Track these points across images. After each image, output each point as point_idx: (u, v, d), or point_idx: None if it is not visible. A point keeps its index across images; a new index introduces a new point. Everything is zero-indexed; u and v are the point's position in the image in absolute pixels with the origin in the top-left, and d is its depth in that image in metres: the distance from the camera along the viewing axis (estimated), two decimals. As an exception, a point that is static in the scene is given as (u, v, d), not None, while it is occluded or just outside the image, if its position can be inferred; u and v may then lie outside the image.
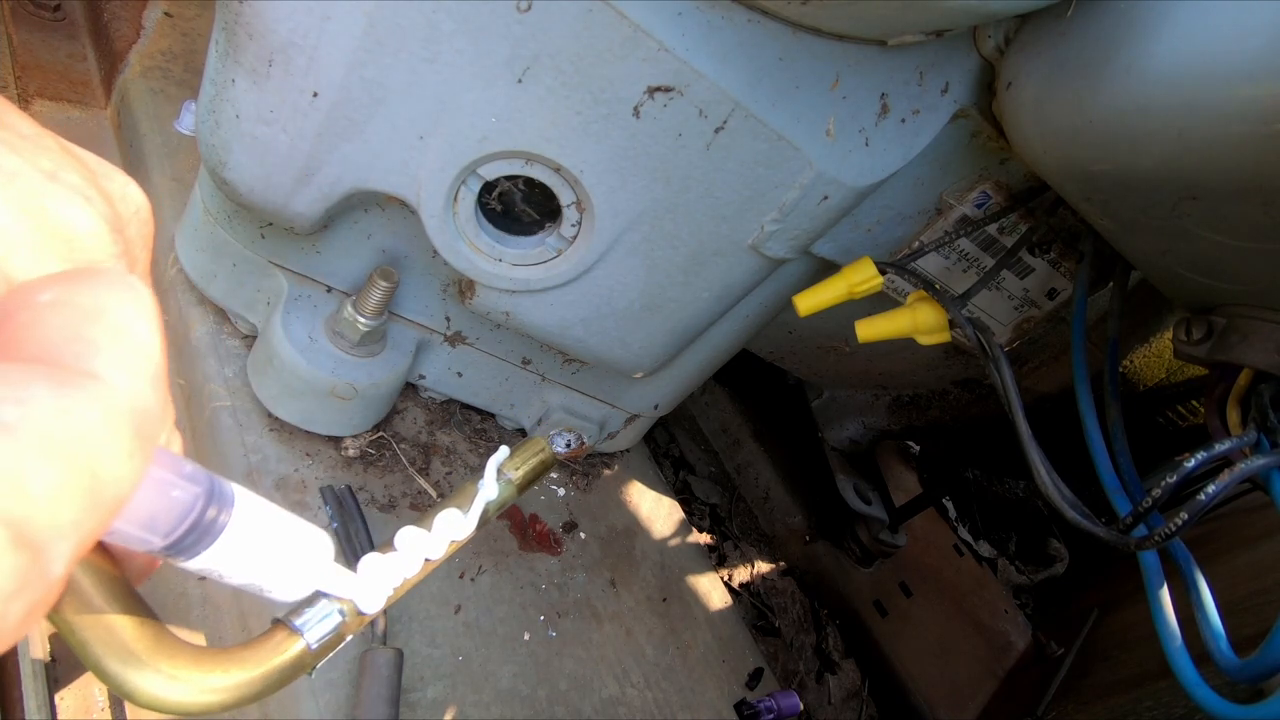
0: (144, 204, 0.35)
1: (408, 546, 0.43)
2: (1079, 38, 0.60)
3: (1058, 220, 0.90)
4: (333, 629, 0.38)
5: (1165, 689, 1.02)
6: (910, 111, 0.74)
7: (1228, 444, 0.63)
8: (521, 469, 0.50)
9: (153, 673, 0.32)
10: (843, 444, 1.45)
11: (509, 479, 0.50)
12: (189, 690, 0.33)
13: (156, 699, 0.33)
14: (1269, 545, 1.26)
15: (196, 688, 0.33)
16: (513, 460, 0.50)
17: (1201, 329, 0.72)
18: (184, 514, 0.28)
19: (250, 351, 0.88)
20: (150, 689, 0.32)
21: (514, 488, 0.50)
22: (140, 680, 0.32)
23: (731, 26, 0.63)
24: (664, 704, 0.97)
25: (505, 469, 0.50)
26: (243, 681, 0.35)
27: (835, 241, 0.86)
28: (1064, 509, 0.68)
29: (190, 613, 0.77)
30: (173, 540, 0.28)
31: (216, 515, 0.29)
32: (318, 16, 0.60)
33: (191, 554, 0.29)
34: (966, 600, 1.62)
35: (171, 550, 0.28)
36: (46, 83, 1.12)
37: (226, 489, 0.30)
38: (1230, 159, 0.53)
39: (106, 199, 0.31)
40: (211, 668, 0.34)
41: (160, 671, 0.32)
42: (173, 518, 0.27)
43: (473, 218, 0.75)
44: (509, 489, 0.49)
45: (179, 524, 0.28)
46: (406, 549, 0.43)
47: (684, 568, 1.15)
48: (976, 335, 0.77)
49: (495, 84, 0.64)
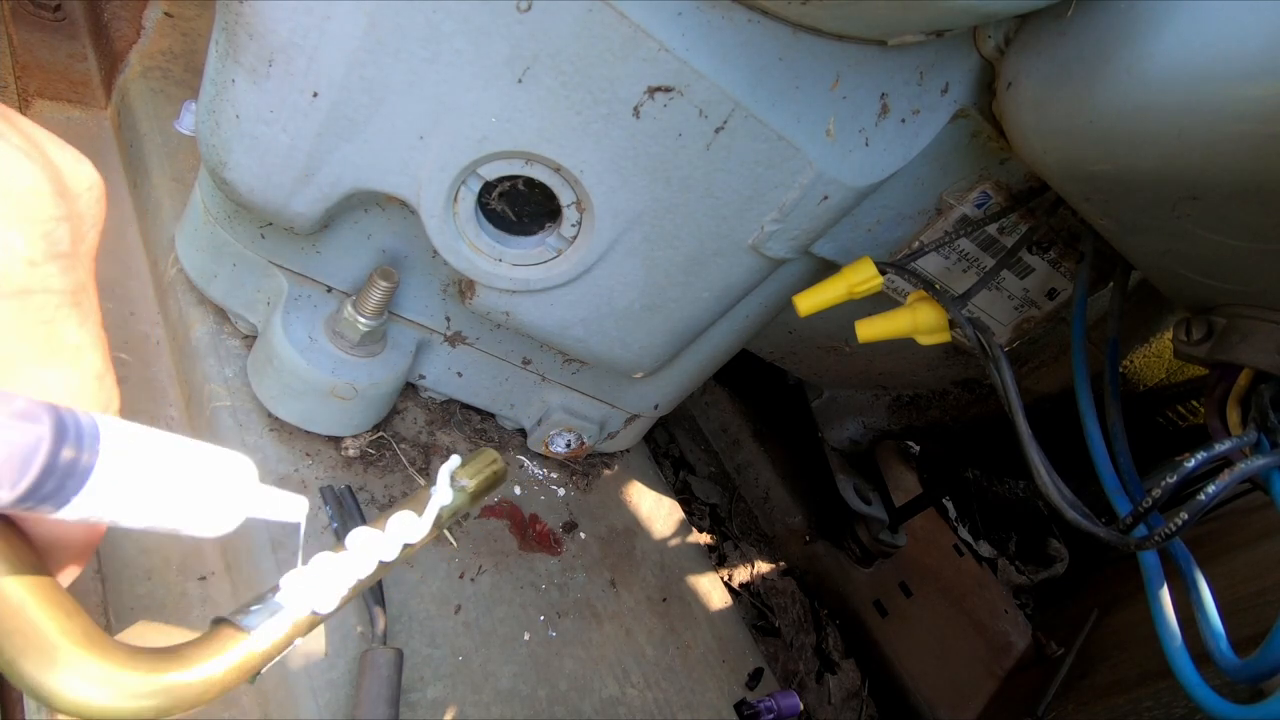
0: (97, 182, 0.35)
1: (360, 547, 0.42)
2: (1079, 38, 0.60)
3: (1058, 220, 0.90)
4: (283, 628, 0.35)
5: (1165, 689, 1.02)
6: (910, 111, 0.74)
7: (1228, 444, 0.63)
8: (475, 478, 0.50)
9: (73, 673, 0.27)
10: (843, 444, 1.45)
11: (463, 486, 0.49)
12: (116, 694, 0.28)
13: (78, 703, 0.28)
14: (1269, 545, 1.26)
15: (126, 691, 0.29)
16: (466, 469, 0.50)
17: (1201, 329, 0.72)
18: (26, 459, 0.24)
19: (250, 351, 0.88)
20: (71, 691, 0.27)
21: (467, 495, 0.49)
22: (58, 681, 0.27)
23: (731, 26, 0.63)
24: (664, 704, 0.97)
25: (459, 476, 0.50)
26: (178, 684, 0.31)
27: (835, 241, 0.86)
28: (1064, 509, 0.68)
29: (190, 613, 0.77)
30: (24, 491, 0.24)
31: (76, 456, 0.25)
32: (318, 16, 0.60)
33: (60, 502, 0.25)
34: (966, 600, 1.62)
35: (30, 501, 0.25)
36: (46, 83, 1.12)
37: (85, 423, 0.26)
38: (1230, 159, 0.53)
39: (51, 167, 0.31)
40: (144, 668, 0.30)
41: (83, 672, 0.28)
42: (13, 466, 0.24)
43: (473, 218, 0.75)
44: (462, 496, 0.49)
45: (23, 471, 0.24)
46: (359, 550, 0.42)
47: (684, 568, 1.15)
48: (976, 335, 0.77)
49: (495, 84, 0.64)
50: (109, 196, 0.35)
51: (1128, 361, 1.00)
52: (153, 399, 0.90)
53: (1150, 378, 1.01)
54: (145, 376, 0.91)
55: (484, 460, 0.52)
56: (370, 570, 0.42)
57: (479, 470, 0.51)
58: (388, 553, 0.43)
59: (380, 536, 0.43)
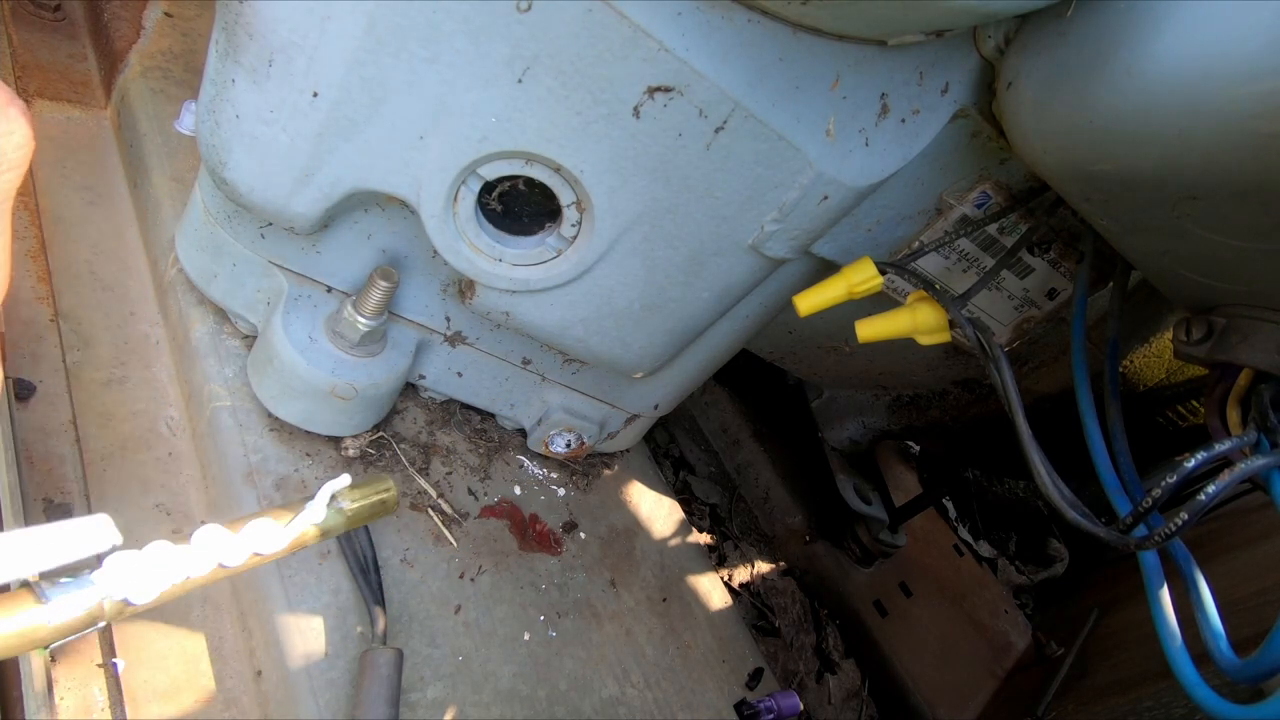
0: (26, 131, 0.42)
1: (203, 546, 0.40)
2: (1079, 38, 0.60)
3: (1058, 220, 0.90)
4: (84, 607, 0.33)
5: (1165, 689, 1.02)
6: (910, 111, 0.74)
7: (1228, 444, 0.63)
8: (358, 503, 0.47)
9: None
10: (843, 444, 1.45)
11: (341, 508, 0.47)
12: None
13: None
14: (1269, 545, 1.26)
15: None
16: (352, 491, 0.47)
17: (1201, 329, 0.72)
18: None
19: (250, 351, 0.88)
20: None
21: (344, 518, 0.46)
22: None
23: (731, 26, 0.63)
24: (664, 704, 0.97)
25: (341, 497, 0.47)
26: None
27: (835, 241, 0.86)
28: (1064, 509, 0.68)
29: (190, 613, 0.77)
30: None
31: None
32: (318, 16, 0.60)
33: None
34: (966, 600, 1.62)
35: None
36: (46, 83, 1.12)
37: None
38: (1230, 159, 0.53)
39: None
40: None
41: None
42: None
43: (473, 218, 0.75)
44: (338, 518, 0.46)
45: None
46: (201, 548, 0.40)
47: (684, 568, 1.15)
48: (976, 335, 0.77)
49: (495, 84, 0.64)
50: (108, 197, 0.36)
51: (1128, 361, 1.00)
52: (153, 399, 0.90)
53: (1150, 378, 1.01)
54: (145, 376, 0.91)
55: (375, 487, 0.48)
56: (206, 571, 0.39)
57: (365, 496, 0.48)
58: (232, 558, 0.40)
59: (229, 539, 0.41)
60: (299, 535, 0.43)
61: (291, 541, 0.43)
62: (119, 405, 0.87)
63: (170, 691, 0.71)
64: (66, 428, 0.81)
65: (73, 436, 0.81)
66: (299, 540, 0.43)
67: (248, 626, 0.78)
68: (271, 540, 0.42)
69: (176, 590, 0.39)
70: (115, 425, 0.85)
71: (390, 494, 0.49)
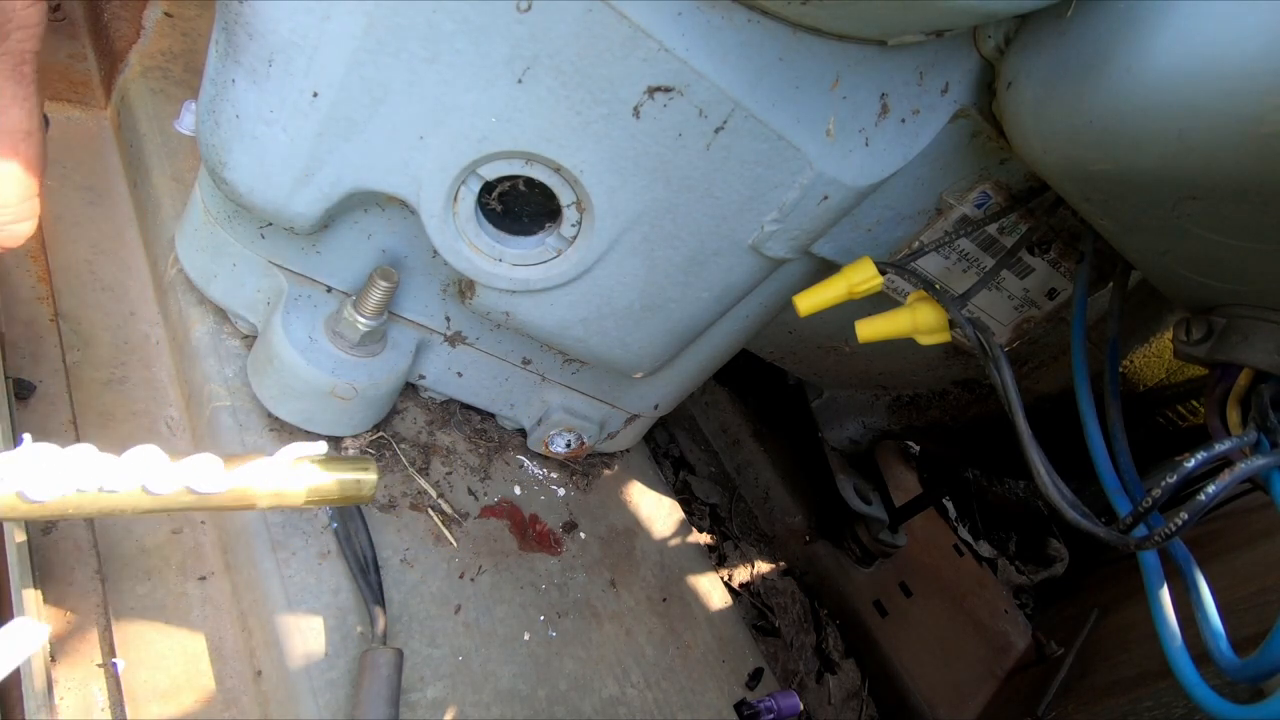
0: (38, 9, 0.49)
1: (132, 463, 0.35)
2: (1079, 38, 0.60)
3: (1058, 220, 0.90)
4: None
5: (1165, 689, 1.02)
6: (910, 111, 0.74)
7: (1228, 444, 0.63)
8: (328, 475, 0.43)
9: None
10: (843, 444, 1.45)
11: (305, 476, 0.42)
12: None
13: None
14: (1269, 545, 1.26)
15: None
16: (324, 462, 0.44)
17: (1201, 329, 0.72)
18: None
19: (250, 351, 0.88)
20: None
21: (306, 488, 0.42)
22: None
23: (731, 26, 0.63)
24: (664, 704, 0.97)
25: (313, 461, 0.43)
26: None
27: (835, 241, 0.86)
28: (1064, 509, 0.68)
29: (190, 613, 0.77)
30: None
31: None
32: (318, 16, 0.60)
33: None
34: (966, 600, 1.62)
35: None
36: (46, 83, 1.11)
37: None
38: (1230, 159, 0.53)
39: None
40: None
41: None
42: None
43: (473, 218, 0.75)
44: (297, 484, 0.41)
45: None
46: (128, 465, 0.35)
47: (684, 568, 1.15)
48: (976, 335, 0.77)
49: (495, 84, 0.64)
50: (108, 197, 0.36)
51: (1128, 361, 1.00)
52: (153, 399, 0.90)
53: (1150, 378, 1.01)
54: (145, 376, 0.91)
55: (352, 465, 0.45)
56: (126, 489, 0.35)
57: (336, 469, 0.43)
58: (160, 485, 0.36)
59: (163, 464, 0.36)
60: (244, 488, 0.39)
61: (232, 490, 0.39)
62: (119, 405, 0.87)
63: (170, 691, 0.71)
64: (66, 428, 0.81)
65: (73, 436, 0.81)
66: (243, 494, 0.40)
67: (248, 626, 0.78)
68: (209, 481, 0.39)
69: (90, 504, 0.35)
70: (115, 425, 0.85)
71: (368, 476, 0.46)
